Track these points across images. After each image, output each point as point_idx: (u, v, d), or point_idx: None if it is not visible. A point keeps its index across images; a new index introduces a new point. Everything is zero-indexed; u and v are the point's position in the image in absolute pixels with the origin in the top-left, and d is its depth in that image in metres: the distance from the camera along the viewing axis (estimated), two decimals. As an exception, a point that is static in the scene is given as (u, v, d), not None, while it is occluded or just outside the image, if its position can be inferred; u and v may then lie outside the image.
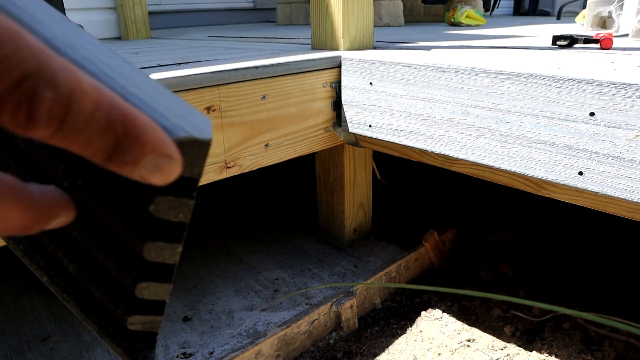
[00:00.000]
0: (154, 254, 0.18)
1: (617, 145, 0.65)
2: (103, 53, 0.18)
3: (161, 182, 0.15)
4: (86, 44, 0.18)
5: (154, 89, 0.18)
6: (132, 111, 0.14)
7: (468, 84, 0.79)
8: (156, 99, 0.17)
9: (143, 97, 0.16)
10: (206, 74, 0.82)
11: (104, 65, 0.17)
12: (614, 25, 1.23)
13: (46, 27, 0.17)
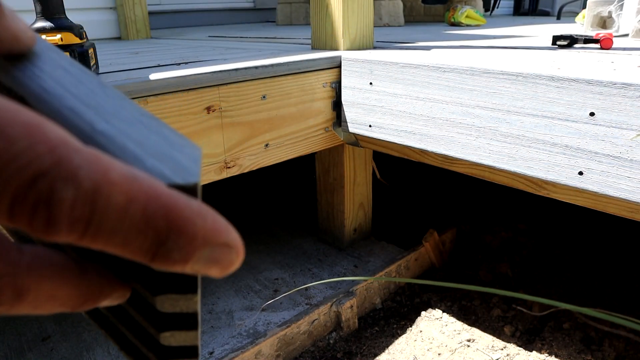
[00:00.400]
0: (168, 305, 0.16)
1: (617, 145, 0.65)
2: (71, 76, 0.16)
3: (220, 274, 0.13)
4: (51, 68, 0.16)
5: (131, 119, 0.16)
6: (175, 200, 0.12)
7: (468, 84, 0.79)
8: (131, 134, 0.15)
9: (113, 134, 0.14)
10: (206, 74, 0.82)
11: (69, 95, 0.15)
12: (614, 25, 1.23)
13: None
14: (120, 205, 0.11)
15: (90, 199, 0.11)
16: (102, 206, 0.11)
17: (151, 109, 0.76)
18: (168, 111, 0.78)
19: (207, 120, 0.84)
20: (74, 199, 0.11)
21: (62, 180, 0.11)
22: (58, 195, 0.11)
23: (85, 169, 0.11)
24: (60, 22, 0.74)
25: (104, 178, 0.11)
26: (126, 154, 0.14)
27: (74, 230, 0.11)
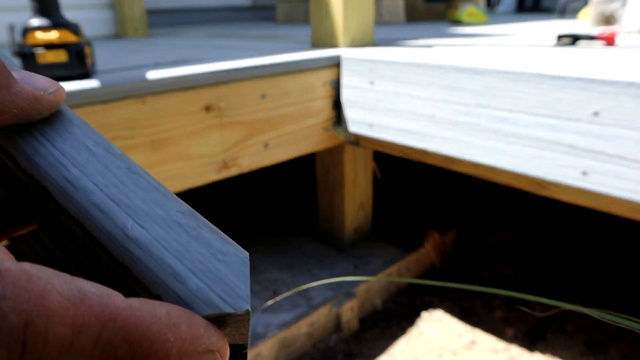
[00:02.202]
0: None
1: (622, 144, 0.63)
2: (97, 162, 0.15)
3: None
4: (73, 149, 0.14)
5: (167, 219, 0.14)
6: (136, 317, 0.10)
7: (470, 83, 0.77)
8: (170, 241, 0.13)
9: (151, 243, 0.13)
10: (205, 73, 0.80)
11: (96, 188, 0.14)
12: (618, 23, 1.21)
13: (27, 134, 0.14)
14: (63, 338, 0.09)
15: (19, 337, 0.09)
16: (36, 344, 0.09)
17: (149, 108, 0.75)
18: (166, 110, 0.77)
19: (205, 119, 0.83)
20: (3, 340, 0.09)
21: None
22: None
23: (10, 300, 0.09)
24: (57, 19, 0.73)
25: (38, 307, 0.09)
26: (165, 271, 0.12)
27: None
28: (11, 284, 0.09)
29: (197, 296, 0.12)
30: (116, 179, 0.14)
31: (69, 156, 0.14)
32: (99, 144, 0.15)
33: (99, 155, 0.15)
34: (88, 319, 0.10)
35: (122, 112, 0.72)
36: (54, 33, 0.72)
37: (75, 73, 0.73)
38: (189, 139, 0.81)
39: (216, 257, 0.13)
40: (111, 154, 0.15)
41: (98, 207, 0.13)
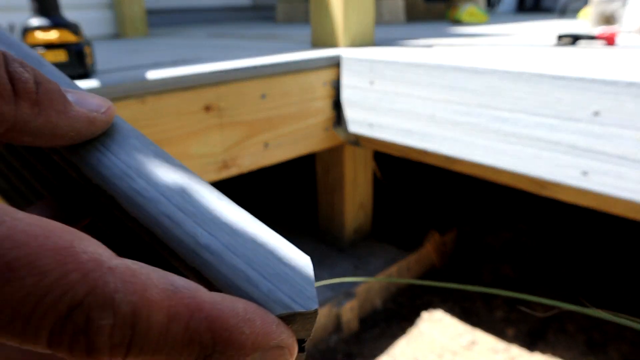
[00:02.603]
0: None
1: (622, 144, 0.63)
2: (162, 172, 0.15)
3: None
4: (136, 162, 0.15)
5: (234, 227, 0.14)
6: (218, 310, 0.12)
7: (470, 83, 0.77)
8: (239, 247, 0.14)
9: (220, 250, 0.13)
10: (205, 73, 0.80)
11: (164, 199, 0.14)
12: (618, 22, 1.21)
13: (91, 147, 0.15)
14: (161, 324, 0.11)
15: (129, 322, 0.11)
16: (142, 328, 0.11)
17: (149, 108, 0.75)
18: (166, 110, 0.77)
19: (205, 119, 0.83)
20: (112, 326, 0.10)
21: (99, 308, 0.10)
22: (96, 324, 0.10)
23: (121, 292, 0.11)
24: (56, 19, 0.73)
25: (142, 298, 0.11)
26: (237, 275, 0.13)
27: (115, 354, 0.11)
28: (120, 279, 0.11)
29: (269, 297, 0.13)
30: (181, 189, 0.15)
31: (132, 167, 0.15)
32: (159, 155, 0.16)
33: (162, 166, 0.15)
34: (180, 309, 0.11)
35: (122, 112, 0.72)
36: (53, 33, 0.72)
37: (75, 73, 0.73)
38: (188, 139, 0.81)
39: (282, 261, 0.14)
40: (171, 164, 0.16)
41: (168, 217, 0.14)
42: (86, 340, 0.10)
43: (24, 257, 0.10)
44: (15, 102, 0.13)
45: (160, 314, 0.11)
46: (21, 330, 0.10)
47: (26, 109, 0.13)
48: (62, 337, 0.10)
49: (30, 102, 0.13)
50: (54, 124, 0.14)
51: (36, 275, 0.10)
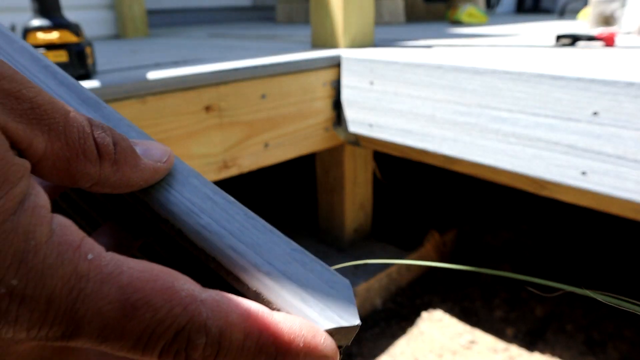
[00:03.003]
0: None
1: (621, 144, 0.63)
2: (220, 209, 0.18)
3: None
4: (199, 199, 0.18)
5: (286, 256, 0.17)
6: (281, 328, 0.15)
7: (470, 83, 0.78)
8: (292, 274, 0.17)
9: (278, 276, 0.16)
10: (205, 73, 0.81)
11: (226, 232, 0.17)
12: (617, 23, 1.22)
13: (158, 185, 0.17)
14: (239, 341, 0.14)
15: (217, 341, 0.14)
16: (225, 345, 0.14)
17: (149, 109, 0.76)
18: (167, 110, 0.78)
19: (206, 119, 0.83)
20: (204, 344, 0.14)
21: (195, 332, 0.14)
22: (193, 344, 0.14)
23: (211, 319, 0.14)
24: (57, 20, 0.73)
25: (226, 322, 0.14)
26: (294, 297, 0.16)
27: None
28: (209, 308, 0.14)
29: (321, 315, 0.16)
30: (239, 223, 0.18)
31: (196, 205, 0.17)
32: (217, 193, 0.18)
33: (220, 203, 0.18)
34: (252, 329, 0.14)
35: (122, 112, 0.72)
36: (54, 33, 0.72)
37: (75, 73, 0.73)
38: (189, 139, 0.81)
39: (328, 285, 0.17)
40: (228, 202, 0.18)
41: (232, 248, 0.17)
42: (185, 355, 0.14)
43: (142, 299, 0.13)
44: (100, 164, 0.15)
45: (239, 333, 0.14)
46: (142, 350, 0.14)
47: (107, 168, 0.16)
48: (169, 354, 0.14)
49: (111, 162, 0.16)
50: (128, 177, 0.16)
51: (152, 311, 0.13)
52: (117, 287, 0.13)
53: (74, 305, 0.13)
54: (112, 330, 0.13)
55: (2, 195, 0.12)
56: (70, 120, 0.15)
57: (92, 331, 0.13)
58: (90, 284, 0.13)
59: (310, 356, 0.15)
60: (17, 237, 0.12)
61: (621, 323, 1.07)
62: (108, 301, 0.13)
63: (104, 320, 0.13)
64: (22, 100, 0.14)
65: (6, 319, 0.12)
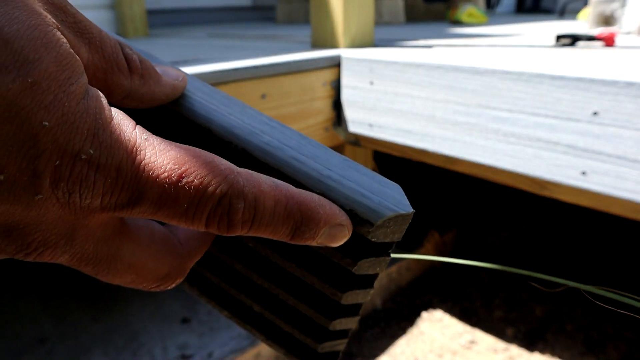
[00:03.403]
0: (350, 299, 0.20)
1: (621, 144, 0.63)
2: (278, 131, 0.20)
3: (336, 244, 0.18)
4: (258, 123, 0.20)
5: (341, 164, 0.19)
6: (304, 198, 0.17)
7: (470, 83, 0.78)
8: (349, 177, 0.18)
9: (338, 178, 0.18)
10: (205, 74, 0.81)
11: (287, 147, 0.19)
12: (617, 23, 1.22)
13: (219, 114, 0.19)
14: (271, 207, 0.16)
15: (253, 206, 0.16)
16: (259, 209, 0.16)
17: (149, 109, 0.75)
18: (166, 111, 0.77)
19: (205, 119, 0.83)
20: (243, 208, 0.16)
21: (235, 197, 0.16)
22: (234, 208, 0.16)
23: (247, 187, 0.16)
24: (57, 20, 0.73)
25: (259, 190, 0.16)
26: (355, 194, 0.18)
27: (244, 228, 0.16)
28: (245, 178, 0.16)
29: (381, 205, 0.18)
30: (295, 141, 0.19)
31: (256, 128, 0.19)
32: (273, 120, 0.21)
33: (277, 127, 0.20)
34: (281, 197, 0.17)
35: (122, 112, 0.72)
36: (54, 33, 0.72)
37: (75, 73, 0.73)
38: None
39: (381, 184, 0.19)
40: (283, 126, 0.20)
41: (295, 159, 0.18)
42: (227, 218, 0.16)
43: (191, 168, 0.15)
44: (131, 76, 0.18)
45: (270, 200, 0.16)
46: (192, 215, 0.15)
47: (136, 80, 0.18)
48: (214, 217, 0.16)
49: (139, 75, 0.18)
50: (153, 91, 0.19)
51: (200, 178, 0.15)
52: (170, 159, 0.15)
53: (137, 172, 0.15)
54: (169, 195, 0.15)
55: (74, 82, 0.14)
56: (105, 37, 0.17)
57: (153, 196, 0.15)
58: (148, 156, 0.15)
59: (329, 222, 0.17)
60: (89, 116, 0.14)
61: (621, 323, 1.07)
62: (164, 170, 0.15)
63: (161, 187, 0.15)
64: (69, 14, 0.16)
65: (86, 183, 0.14)
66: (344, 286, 0.19)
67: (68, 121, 0.14)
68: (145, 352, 0.94)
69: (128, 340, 0.97)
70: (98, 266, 0.16)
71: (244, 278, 0.22)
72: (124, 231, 0.17)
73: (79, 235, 0.15)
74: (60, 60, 0.14)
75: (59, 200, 0.14)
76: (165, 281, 0.19)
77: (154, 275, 0.18)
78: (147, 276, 0.18)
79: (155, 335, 0.98)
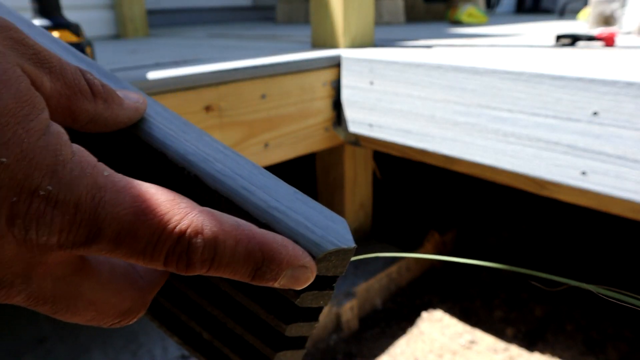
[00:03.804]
0: (294, 331, 0.20)
1: (621, 144, 0.63)
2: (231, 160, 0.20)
3: (299, 287, 0.18)
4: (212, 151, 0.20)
5: (290, 196, 0.20)
6: (267, 238, 0.17)
7: (470, 83, 0.78)
8: (296, 209, 0.19)
9: (285, 210, 0.19)
10: (205, 73, 0.81)
11: (238, 177, 0.19)
12: (617, 23, 1.22)
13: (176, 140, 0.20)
14: (231, 246, 0.16)
15: (213, 244, 0.16)
16: (220, 249, 0.16)
17: (149, 109, 0.75)
18: (166, 111, 0.77)
19: (206, 119, 0.83)
20: (203, 247, 0.16)
21: (194, 235, 0.15)
22: (193, 247, 0.15)
23: (207, 226, 0.16)
24: (57, 20, 0.73)
25: (220, 229, 0.16)
26: (299, 226, 0.18)
27: (203, 267, 0.16)
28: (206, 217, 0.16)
29: (323, 239, 0.18)
30: (247, 171, 0.20)
31: (211, 156, 0.20)
32: (227, 148, 0.21)
33: (230, 156, 0.21)
34: (242, 237, 0.16)
35: (122, 112, 0.72)
36: (54, 33, 0.72)
37: (75, 73, 0.73)
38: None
39: (327, 218, 0.19)
40: (236, 154, 0.21)
41: (245, 189, 0.19)
42: (187, 258, 0.15)
43: (150, 206, 0.15)
44: (95, 101, 0.18)
45: (231, 240, 0.16)
46: (150, 253, 0.15)
47: (100, 104, 0.18)
48: (173, 256, 0.15)
49: (102, 99, 0.18)
50: (117, 114, 0.19)
51: (159, 216, 0.15)
52: (130, 196, 0.15)
53: (96, 210, 0.15)
54: (127, 233, 0.15)
55: (33, 118, 0.14)
56: (64, 65, 0.17)
57: (111, 234, 0.15)
58: (108, 193, 0.15)
59: (292, 264, 0.17)
60: (48, 153, 0.14)
61: (621, 323, 1.07)
62: (123, 207, 0.15)
63: (120, 224, 0.15)
64: (28, 47, 0.16)
65: (44, 220, 0.14)
66: (288, 318, 0.19)
67: (27, 157, 0.14)
68: (145, 352, 0.94)
69: (128, 341, 0.97)
70: (56, 305, 0.16)
71: (195, 305, 0.22)
72: (84, 268, 0.17)
73: (36, 273, 0.15)
74: (19, 97, 0.14)
75: (15, 238, 0.14)
76: (127, 316, 0.18)
77: (116, 311, 0.18)
78: (109, 312, 0.18)
79: (155, 335, 0.98)
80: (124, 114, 0.19)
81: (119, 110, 0.19)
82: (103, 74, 0.21)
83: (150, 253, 0.15)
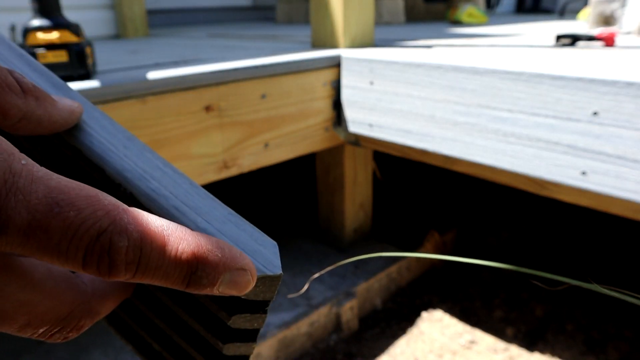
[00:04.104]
0: (232, 351, 0.20)
1: (621, 144, 0.63)
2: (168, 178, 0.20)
3: (241, 293, 0.17)
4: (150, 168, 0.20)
5: (222, 218, 0.19)
6: (200, 240, 0.16)
7: (470, 83, 0.78)
8: (226, 232, 0.19)
9: (213, 232, 0.18)
10: (205, 73, 0.81)
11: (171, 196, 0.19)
12: (617, 23, 1.22)
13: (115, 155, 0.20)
14: (159, 248, 0.15)
15: (138, 245, 0.14)
16: (146, 250, 0.15)
17: (149, 109, 0.76)
18: (167, 110, 0.78)
19: (206, 119, 0.83)
20: (127, 247, 0.14)
21: (117, 234, 0.14)
22: (116, 246, 0.14)
23: (132, 225, 0.15)
24: (57, 20, 0.73)
25: (146, 229, 0.15)
26: None
27: (129, 270, 0.15)
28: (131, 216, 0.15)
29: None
30: (184, 190, 0.20)
31: (148, 173, 0.20)
32: (167, 165, 0.21)
33: (169, 173, 0.20)
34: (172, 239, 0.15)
35: (122, 112, 0.72)
36: (54, 33, 0.72)
37: (76, 73, 0.73)
38: (189, 139, 0.81)
39: (257, 242, 0.19)
40: (176, 172, 0.21)
41: (176, 209, 0.19)
42: (108, 259, 0.14)
43: (67, 199, 0.14)
44: (25, 97, 0.17)
45: (159, 242, 0.15)
46: (65, 250, 0.14)
47: (32, 101, 0.17)
48: (92, 256, 0.14)
49: (34, 97, 0.17)
50: (50, 113, 0.18)
51: (76, 210, 0.14)
52: (45, 187, 0.14)
53: (7, 195, 0.13)
54: (38, 225, 0.14)
55: None
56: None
57: (21, 224, 0.13)
58: (22, 180, 0.14)
59: (229, 267, 0.16)
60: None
61: (621, 323, 1.07)
62: (36, 197, 0.14)
63: (31, 215, 0.14)
64: None
65: None
66: (224, 337, 0.19)
67: None
68: (145, 352, 0.94)
69: (128, 340, 0.97)
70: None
71: (144, 316, 0.22)
72: (9, 264, 0.15)
73: None
74: None
75: None
76: (69, 322, 0.17)
77: (53, 316, 0.16)
78: (45, 317, 0.16)
79: (155, 335, 0.98)
80: (58, 113, 0.19)
81: (52, 110, 0.18)
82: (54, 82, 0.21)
83: (64, 250, 0.14)
